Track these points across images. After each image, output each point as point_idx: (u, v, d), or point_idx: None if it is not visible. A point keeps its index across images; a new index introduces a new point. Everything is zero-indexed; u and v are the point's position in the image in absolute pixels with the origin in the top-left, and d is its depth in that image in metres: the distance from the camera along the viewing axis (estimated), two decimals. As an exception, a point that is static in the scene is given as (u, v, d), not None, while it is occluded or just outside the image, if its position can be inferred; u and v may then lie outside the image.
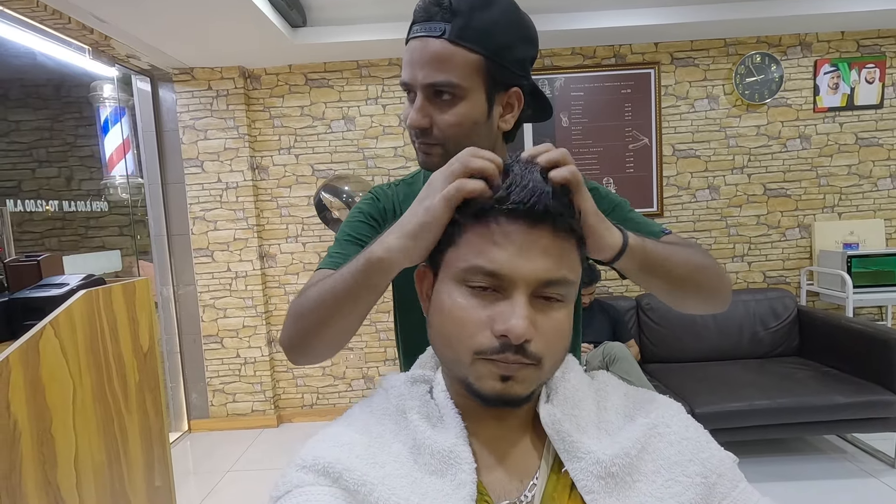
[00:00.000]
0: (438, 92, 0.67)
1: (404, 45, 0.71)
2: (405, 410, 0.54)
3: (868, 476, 2.15)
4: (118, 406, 1.34)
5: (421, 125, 0.69)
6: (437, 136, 0.69)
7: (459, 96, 0.67)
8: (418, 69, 0.67)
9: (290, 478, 0.49)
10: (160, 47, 2.54)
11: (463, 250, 0.49)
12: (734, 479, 0.52)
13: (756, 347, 2.66)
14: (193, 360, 3.03)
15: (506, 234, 0.46)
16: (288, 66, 2.92)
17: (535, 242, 0.46)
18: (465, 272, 0.48)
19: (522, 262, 0.46)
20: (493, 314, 0.47)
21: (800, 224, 2.97)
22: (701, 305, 0.70)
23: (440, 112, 0.68)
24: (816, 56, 2.88)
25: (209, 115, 2.89)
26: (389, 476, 0.48)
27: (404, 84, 0.70)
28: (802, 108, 2.91)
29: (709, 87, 2.91)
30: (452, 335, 0.49)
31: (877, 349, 2.21)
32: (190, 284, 2.98)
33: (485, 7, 0.66)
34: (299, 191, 2.99)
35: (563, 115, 2.92)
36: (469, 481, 0.47)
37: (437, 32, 0.65)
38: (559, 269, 0.47)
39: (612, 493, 0.48)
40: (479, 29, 0.65)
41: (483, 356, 0.47)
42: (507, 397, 0.48)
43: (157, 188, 2.95)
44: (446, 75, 0.66)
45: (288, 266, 3.03)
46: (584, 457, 0.49)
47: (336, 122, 2.96)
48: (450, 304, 0.49)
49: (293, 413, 3.08)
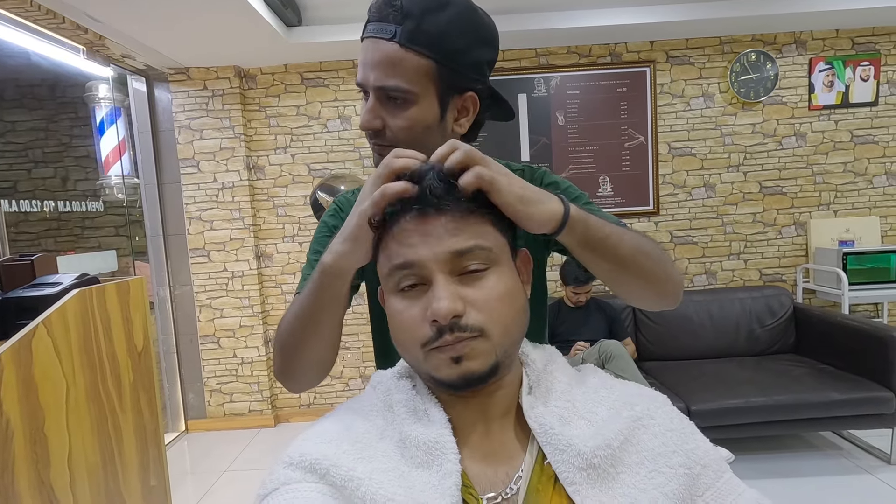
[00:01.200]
0: (390, 95, 0.66)
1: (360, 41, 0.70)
2: (392, 405, 0.54)
3: (864, 472, 2.16)
4: (112, 405, 1.34)
5: (373, 126, 0.68)
6: (389, 137, 0.68)
7: (410, 101, 0.66)
8: (370, 70, 0.65)
9: (278, 475, 0.49)
10: (155, 47, 2.54)
11: (382, 259, 0.52)
12: (718, 469, 0.52)
13: (752, 345, 2.67)
14: (190, 361, 3.02)
15: (406, 231, 0.49)
16: (283, 65, 2.92)
17: (434, 228, 0.49)
18: (388, 277, 0.51)
19: (426, 247, 0.48)
20: (425, 305, 0.49)
21: (795, 222, 2.98)
22: (646, 295, 0.66)
23: (392, 115, 0.67)
24: (811, 54, 2.88)
25: (205, 114, 2.89)
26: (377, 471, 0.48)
27: (358, 84, 0.69)
28: (798, 105, 2.91)
29: (704, 86, 2.91)
30: (401, 339, 0.52)
31: (873, 346, 2.22)
32: (186, 284, 2.98)
33: (438, 9, 0.64)
34: (295, 190, 2.99)
35: (559, 113, 2.92)
36: (454, 471, 0.48)
37: (388, 35, 0.63)
38: (466, 240, 0.49)
39: (595, 485, 0.48)
40: (430, 33, 0.64)
41: (429, 346, 0.49)
42: (466, 376, 0.49)
43: (153, 188, 2.94)
44: (396, 80, 0.64)
45: (284, 266, 3.02)
46: (565, 449, 0.49)
47: (332, 122, 2.95)
48: (392, 311, 0.52)
49: (290, 413, 3.07)
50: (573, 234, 0.57)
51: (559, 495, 0.48)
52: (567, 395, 0.54)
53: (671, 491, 0.48)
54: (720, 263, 3.01)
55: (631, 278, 0.63)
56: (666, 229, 2.99)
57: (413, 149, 0.65)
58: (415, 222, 0.49)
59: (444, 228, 0.49)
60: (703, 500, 0.50)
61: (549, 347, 0.62)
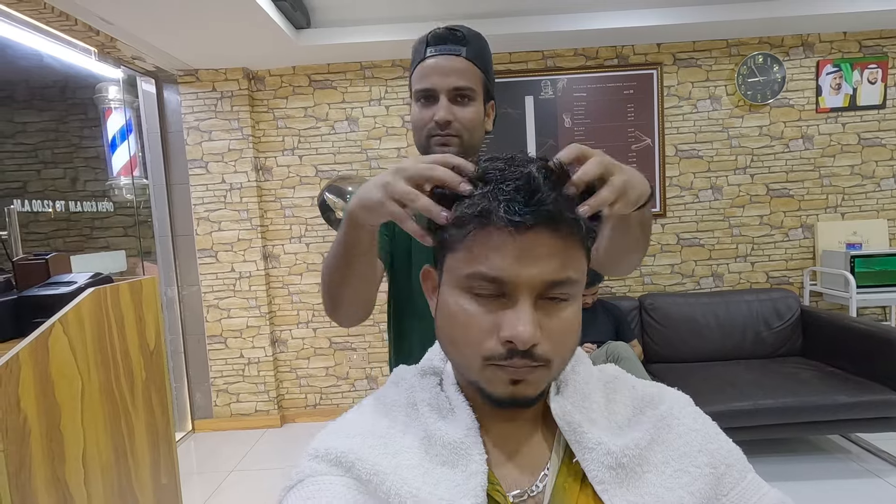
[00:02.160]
0: (459, 95, 0.89)
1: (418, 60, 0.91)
2: (416, 403, 0.54)
3: (873, 476, 2.15)
4: (125, 403, 1.35)
5: (447, 119, 0.88)
6: (456, 128, 0.89)
7: (472, 98, 0.90)
8: (443, 77, 0.88)
9: (303, 467, 0.50)
10: (165, 49, 2.56)
11: (463, 256, 0.48)
12: (743, 469, 0.52)
13: (759, 347, 2.66)
14: (197, 361, 3.04)
15: (505, 239, 0.45)
16: (292, 67, 2.94)
17: (535, 246, 0.45)
18: (467, 279, 0.47)
19: (524, 267, 0.45)
20: (499, 321, 0.46)
21: (803, 224, 2.98)
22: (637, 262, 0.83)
23: (460, 110, 0.89)
24: (818, 56, 2.88)
25: (213, 116, 2.91)
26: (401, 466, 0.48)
27: (426, 90, 0.89)
28: (805, 108, 2.91)
29: (711, 88, 2.92)
30: (460, 340, 0.49)
31: (881, 349, 2.21)
32: (194, 285, 3.00)
33: (479, 39, 0.92)
34: (303, 191, 3.00)
35: (566, 115, 2.93)
36: (480, 471, 0.47)
37: (457, 52, 0.89)
38: (563, 270, 0.46)
39: (623, 484, 0.48)
40: (479, 54, 0.91)
41: (492, 362, 0.47)
42: (518, 399, 0.48)
43: (161, 189, 2.96)
44: (466, 82, 0.88)
45: (291, 266, 3.04)
46: (594, 448, 0.49)
47: (339, 124, 2.97)
48: (456, 308, 0.49)
49: (296, 413, 3.08)
50: (647, 207, 0.64)
51: (585, 494, 0.49)
52: (594, 396, 0.54)
53: (697, 490, 0.49)
54: (727, 266, 3.01)
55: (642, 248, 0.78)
56: (673, 231, 2.99)
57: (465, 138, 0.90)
58: (520, 236, 0.44)
59: (548, 250, 0.45)
60: (727, 499, 0.51)
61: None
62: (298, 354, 3.08)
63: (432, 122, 0.88)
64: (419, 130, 0.91)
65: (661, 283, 3.02)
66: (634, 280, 3.02)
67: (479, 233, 0.46)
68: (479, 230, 0.46)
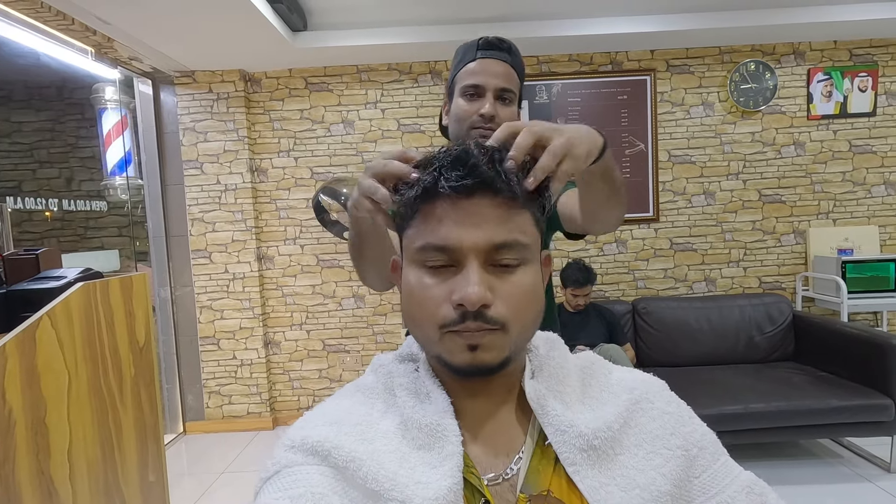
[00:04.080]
0: (503, 95, 0.99)
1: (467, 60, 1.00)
2: (393, 388, 0.55)
3: (864, 481, 2.15)
4: (113, 399, 1.34)
5: (493, 113, 0.97)
6: (498, 124, 0.93)
7: (512, 101, 1.01)
8: (493, 77, 0.98)
9: (279, 458, 0.50)
10: (162, 50, 2.57)
11: (413, 232, 0.50)
12: (715, 452, 0.53)
13: (752, 352, 2.67)
14: (190, 362, 3.02)
15: (447, 209, 0.47)
16: (288, 69, 2.96)
17: (476, 212, 0.47)
18: (418, 252, 0.49)
19: (467, 232, 0.47)
20: (451, 287, 0.48)
21: (795, 230, 3.00)
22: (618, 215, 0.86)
23: (503, 109, 0.99)
24: (810, 64, 2.92)
25: (209, 117, 2.92)
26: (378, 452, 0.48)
27: (475, 86, 0.98)
28: (796, 115, 2.94)
29: (704, 94, 2.94)
30: (417, 315, 0.50)
31: (872, 354, 2.22)
32: (187, 286, 2.99)
33: (518, 53, 1.04)
34: (298, 193, 3.01)
35: (561, 120, 2.95)
36: (456, 452, 0.48)
37: (504, 59, 1.00)
38: (507, 233, 0.48)
39: (595, 466, 0.49)
40: (519, 65, 1.03)
41: (448, 329, 0.48)
42: (478, 365, 0.48)
43: (156, 189, 2.97)
44: (511, 85, 1.00)
45: (286, 268, 3.04)
46: (567, 430, 0.50)
47: (335, 126, 2.98)
48: (412, 285, 0.50)
49: (289, 416, 3.07)
50: (604, 161, 0.66)
51: (558, 476, 0.49)
52: (568, 380, 0.55)
53: (668, 472, 0.49)
54: (720, 270, 3.02)
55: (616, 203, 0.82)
56: (666, 236, 3.01)
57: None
58: (459, 200, 0.47)
59: (490, 214, 0.47)
60: (699, 481, 0.51)
61: (551, 334, 0.62)
62: (291, 356, 3.07)
63: (477, 115, 0.97)
64: (461, 122, 0.99)
65: (654, 288, 3.03)
66: (628, 284, 3.03)
67: (425, 207, 0.49)
68: (425, 205, 0.49)
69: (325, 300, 3.04)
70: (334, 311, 3.04)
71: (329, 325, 3.05)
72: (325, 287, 3.04)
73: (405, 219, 0.51)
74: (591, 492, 0.47)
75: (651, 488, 0.48)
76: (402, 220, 0.52)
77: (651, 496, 0.47)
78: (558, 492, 0.48)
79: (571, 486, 0.48)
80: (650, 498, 0.47)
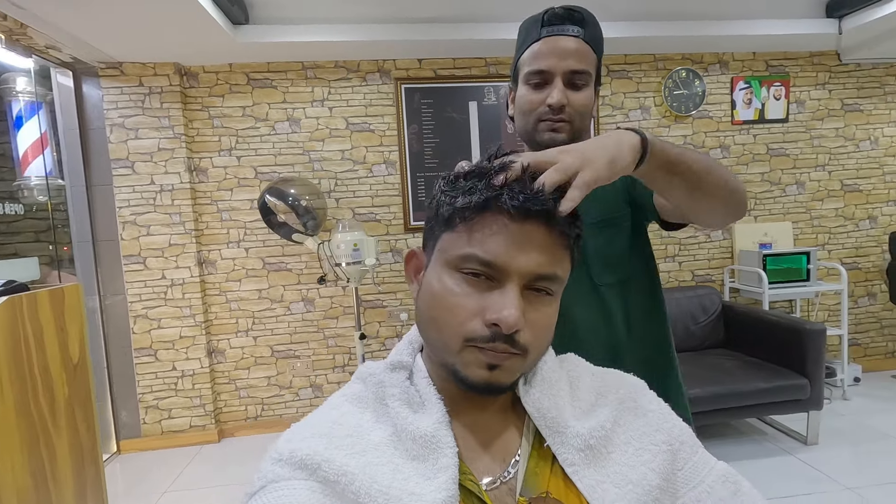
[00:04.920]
0: (574, 79, 0.83)
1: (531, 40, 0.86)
2: (384, 398, 0.53)
3: (786, 454, 2.37)
4: (44, 422, 1.23)
5: (562, 102, 0.83)
6: (569, 113, 0.84)
7: (587, 83, 0.85)
8: (560, 59, 0.82)
9: (266, 472, 0.48)
10: (85, 38, 2.36)
11: (456, 237, 0.49)
12: (694, 445, 0.57)
13: (689, 341, 2.86)
14: (123, 376, 2.81)
15: (503, 226, 0.47)
16: (228, 64, 2.81)
17: (530, 236, 0.47)
18: (460, 259, 0.48)
19: (518, 255, 0.47)
20: (486, 303, 0.47)
21: (722, 226, 3.23)
22: (719, 209, 0.72)
23: (575, 95, 0.84)
24: (733, 73, 3.16)
25: (140, 112, 2.72)
26: (370, 465, 0.48)
27: (540, 72, 0.84)
28: (722, 120, 3.18)
29: (641, 99, 3.11)
30: (442, 320, 0.49)
31: (791, 339, 2.45)
32: (119, 294, 2.78)
33: (595, 24, 0.87)
34: (241, 194, 2.87)
35: (509, 122, 3.01)
36: (451, 465, 0.48)
37: (575, 33, 0.83)
38: (552, 265, 0.49)
39: (591, 464, 0.51)
40: (595, 37, 0.86)
41: (472, 343, 0.48)
42: (492, 385, 0.49)
43: (80, 190, 2.72)
44: (584, 65, 0.83)
45: (229, 272, 2.89)
46: (564, 431, 0.51)
47: (280, 124, 2.88)
48: (441, 288, 0.49)
49: (236, 427, 2.93)
50: (655, 158, 0.60)
51: (556, 476, 0.51)
52: (559, 384, 0.56)
53: (657, 466, 0.52)
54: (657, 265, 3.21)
55: (704, 195, 0.69)
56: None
57: (576, 123, 0.86)
58: (517, 227, 0.47)
59: (540, 243, 0.48)
60: (682, 473, 0.54)
61: None
62: (238, 364, 2.93)
63: (544, 105, 0.84)
64: (527, 114, 0.86)
65: (598, 283, 3.17)
66: (574, 280, 3.15)
67: (480, 216, 0.48)
68: (480, 214, 0.48)
69: (273, 304, 2.93)
70: (283, 316, 2.94)
71: (277, 331, 2.94)
72: (272, 291, 2.92)
73: (448, 222, 0.50)
74: (589, 490, 0.49)
75: (643, 483, 0.50)
76: (442, 221, 0.51)
77: (643, 490, 0.50)
78: (556, 493, 0.50)
79: (569, 486, 0.50)
80: (642, 492, 0.50)
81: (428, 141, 2.96)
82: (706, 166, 0.67)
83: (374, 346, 3.00)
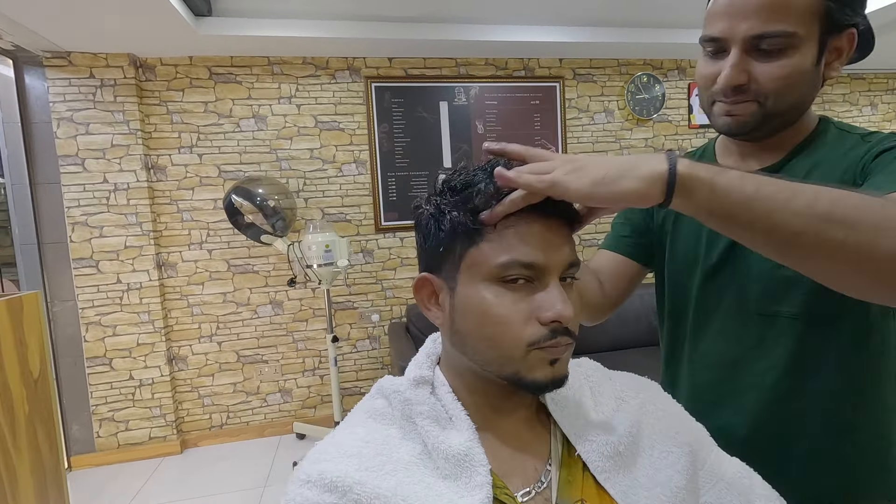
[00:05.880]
0: (760, 46, 0.60)
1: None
2: (412, 416, 0.53)
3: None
4: (4, 443, 1.13)
5: (739, 82, 0.62)
6: (755, 91, 0.62)
7: (791, 46, 0.59)
8: (741, 20, 0.59)
9: (294, 495, 0.47)
10: (27, 24, 2.19)
11: (489, 249, 0.49)
12: (709, 444, 0.59)
13: (652, 335, 2.98)
14: (74, 387, 2.63)
15: (532, 228, 0.49)
16: (189, 57, 2.68)
17: (555, 231, 0.50)
18: (500, 268, 0.48)
19: (551, 250, 0.49)
20: (533, 305, 0.48)
21: (680, 225, 3.39)
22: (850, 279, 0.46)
23: (762, 66, 0.61)
24: (689, 79, 3.31)
25: (91, 106, 2.55)
26: (402, 484, 0.47)
27: (713, 39, 0.63)
28: (680, 124, 3.33)
29: (605, 102, 3.21)
30: (497, 335, 0.49)
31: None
32: (69, 300, 2.59)
33: None
34: (203, 193, 2.75)
35: (479, 122, 3.03)
36: (485, 483, 0.48)
37: None
38: (574, 251, 0.52)
39: (621, 470, 0.52)
40: None
41: (535, 346, 0.48)
42: (557, 378, 0.50)
43: (23, 189, 2.52)
44: (781, 24, 0.58)
45: (191, 275, 2.76)
46: (594, 439, 0.52)
47: (245, 121, 2.77)
48: (484, 305, 0.49)
49: (199, 436, 2.80)
50: (692, 198, 0.45)
51: (588, 483, 0.51)
52: (583, 391, 0.58)
53: (682, 467, 0.54)
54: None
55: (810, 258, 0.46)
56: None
57: (768, 104, 0.62)
58: (541, 225, 0.49)
59: (562, 238, 0.51)
60: (703, 471, 0.56)
61: None
62: (201, 371, 2.80)
63: (716, 82, 0.64)
64: (702, 91, 0.68)
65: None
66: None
67: (507, 224, 0.49)
68: (503, 225, 0.49)
69: (239, 308, 2.82)
70: (249, 320, 2.84)
71: (243, 335, 2.84)
72: (237, 294, 2.82)
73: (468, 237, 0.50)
74: (622, 496, 0.50)
75: (670, 484, 0.52)
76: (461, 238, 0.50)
77: (671, 492, 0.51)
78: (590, 499, 0.50)
79: (601, 493, 0.51)
80: (670, 494, 0.51)
81: (399, 140, 2.93)
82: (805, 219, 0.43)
83: (346, 349, 2.95)
